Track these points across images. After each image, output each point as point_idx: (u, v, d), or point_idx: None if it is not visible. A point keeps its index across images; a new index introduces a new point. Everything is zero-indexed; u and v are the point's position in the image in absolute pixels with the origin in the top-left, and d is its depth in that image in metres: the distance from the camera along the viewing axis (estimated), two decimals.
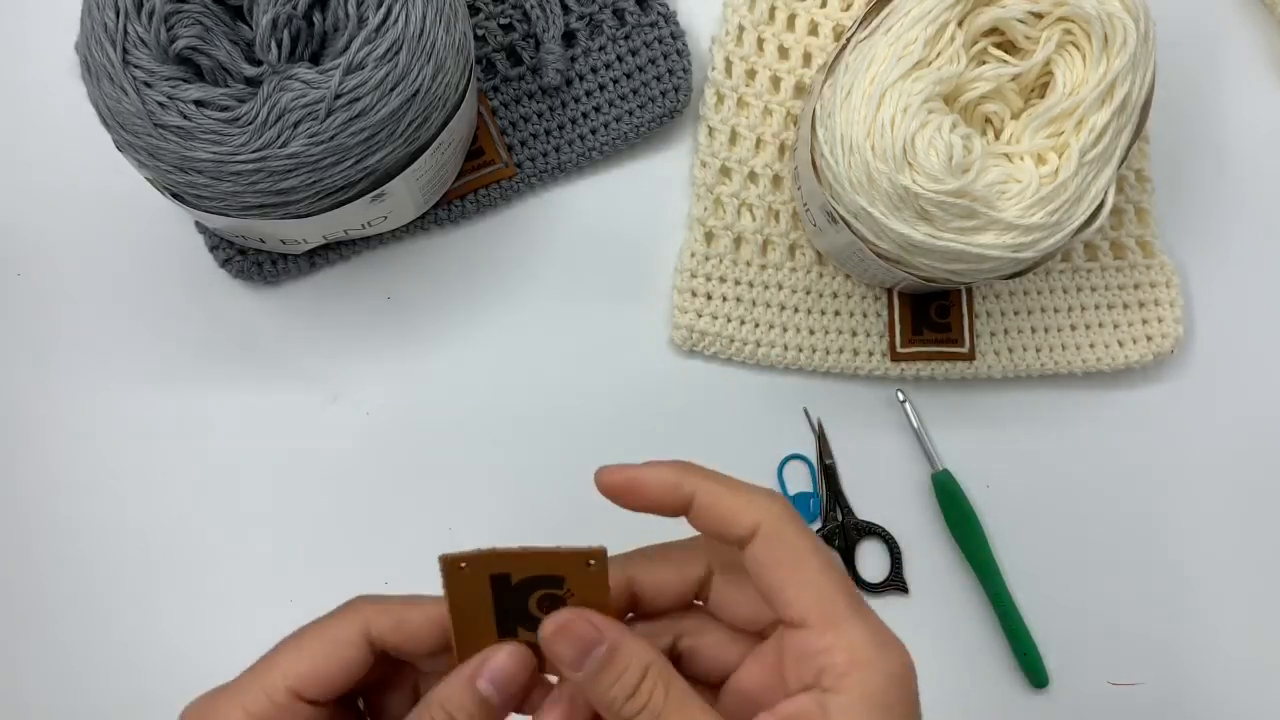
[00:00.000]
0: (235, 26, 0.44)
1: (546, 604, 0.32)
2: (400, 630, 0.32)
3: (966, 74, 0.47)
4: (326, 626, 0.32)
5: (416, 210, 0.52)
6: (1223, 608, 0.55)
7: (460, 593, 0.31)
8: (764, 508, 0.31)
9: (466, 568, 0.31)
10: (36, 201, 0.54)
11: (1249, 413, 0.57)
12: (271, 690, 0.31)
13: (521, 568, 0.31)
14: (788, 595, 0.30)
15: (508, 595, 0.32)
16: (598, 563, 0.31)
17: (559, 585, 0.31)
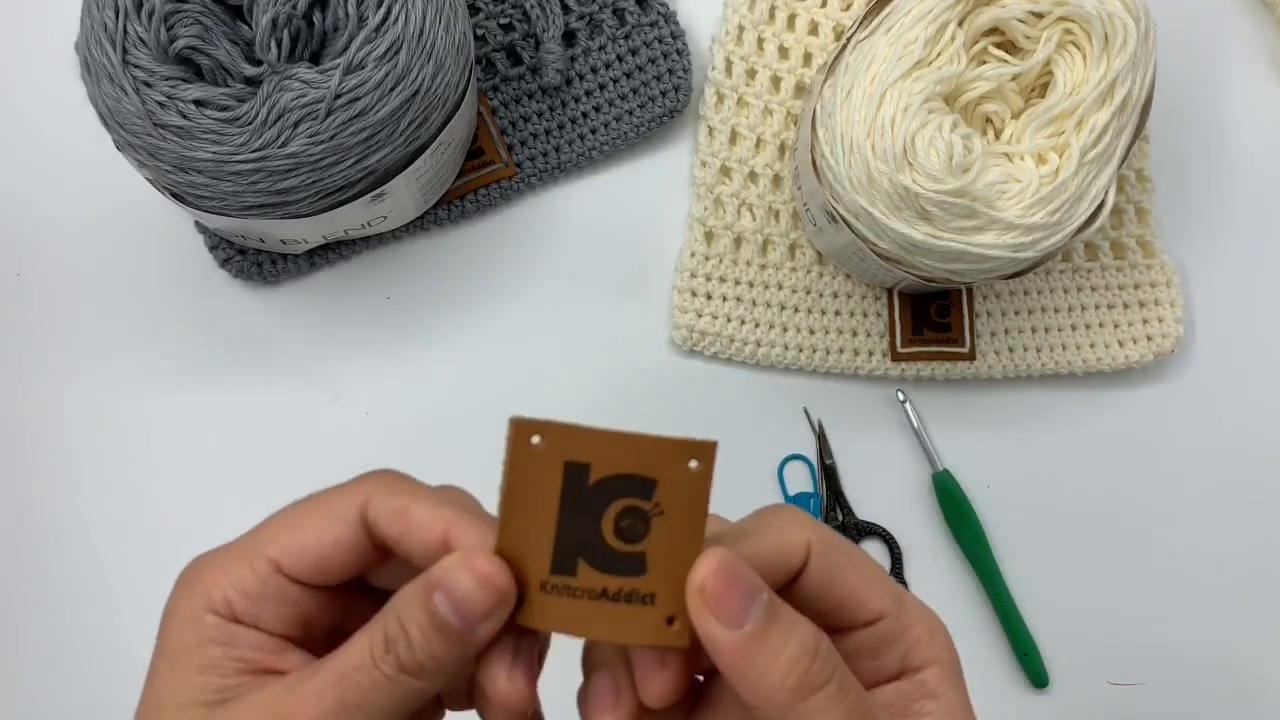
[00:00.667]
0: (235, 26, 0.44)
1: (626, 527, 0.25)
2: (400, 521, 0.27)
3: (967, 74, 0.47)
4: (324, 498, 0.28)
5: (416, 210, 0.52)
6: (1223, 608, 0.55)
7: (521, 476, 0.25)
8: (805, 526, 0.28)
9: (542, 442, 0.25)
10: (36, 201, 0.54)
11: (1250, 412, 0.57)
12: (255, 559, 0.28)
13: (608, 457, 0.25)
14: (861, 596, 0.28)
15: (581, 498, 0.25)
16: (702, 464, 0.25)
17: (648, 493, 0.25)
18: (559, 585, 0.25)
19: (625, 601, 0.25)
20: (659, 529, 0.25)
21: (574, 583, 0.25)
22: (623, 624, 0.25)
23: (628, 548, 0.25)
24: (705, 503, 0.25)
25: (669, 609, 0.25)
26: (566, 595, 0.26)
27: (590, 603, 0.25)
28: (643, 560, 0.25)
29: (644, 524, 0.25)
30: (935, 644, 0.28)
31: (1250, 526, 0.56)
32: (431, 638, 0.26)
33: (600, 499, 0.25)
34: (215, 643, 0.27)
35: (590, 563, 0.25)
